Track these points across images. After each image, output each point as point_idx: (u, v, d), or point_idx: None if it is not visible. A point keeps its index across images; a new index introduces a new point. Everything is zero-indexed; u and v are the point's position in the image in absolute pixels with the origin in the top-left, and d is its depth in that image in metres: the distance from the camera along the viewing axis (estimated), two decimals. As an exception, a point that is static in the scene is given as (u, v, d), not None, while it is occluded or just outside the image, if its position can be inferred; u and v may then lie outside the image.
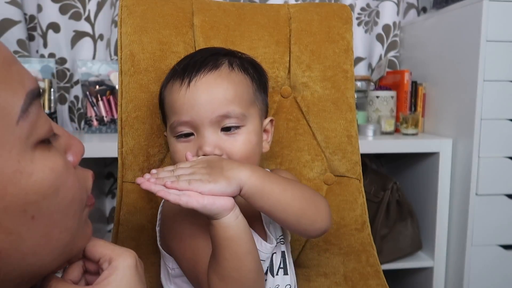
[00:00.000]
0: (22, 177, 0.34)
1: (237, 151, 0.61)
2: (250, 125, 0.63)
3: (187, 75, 0.62)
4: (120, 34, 0.76)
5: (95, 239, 0.46)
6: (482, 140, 1.28)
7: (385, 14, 1.70)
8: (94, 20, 1.54)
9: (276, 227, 0.68)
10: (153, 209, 0.75)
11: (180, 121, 0.61)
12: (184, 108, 0.61)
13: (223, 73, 0.63)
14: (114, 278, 0.42)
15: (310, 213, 0.60)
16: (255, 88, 0.66)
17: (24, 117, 0.34)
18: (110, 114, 1.44)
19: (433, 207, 1.41)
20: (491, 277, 1.34)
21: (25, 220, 0.35)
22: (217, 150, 0.60)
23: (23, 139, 0.34)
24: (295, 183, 0.62)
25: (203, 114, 0.60)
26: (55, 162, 0.37)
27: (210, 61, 0.63)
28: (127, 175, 0.75)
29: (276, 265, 0.66)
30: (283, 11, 0.85)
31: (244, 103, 0.63)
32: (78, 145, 0.42)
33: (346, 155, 0.83)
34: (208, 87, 0.61)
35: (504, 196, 1.31)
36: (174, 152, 0.64)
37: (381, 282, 0.83)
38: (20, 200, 0.34)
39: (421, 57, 1.60)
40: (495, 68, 1.25)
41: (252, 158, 0.63)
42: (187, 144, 0.62)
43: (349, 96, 0.83)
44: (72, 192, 0.39)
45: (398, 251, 1.44)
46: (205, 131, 0.60)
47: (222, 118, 0.60)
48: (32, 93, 0.35)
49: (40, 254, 0.37)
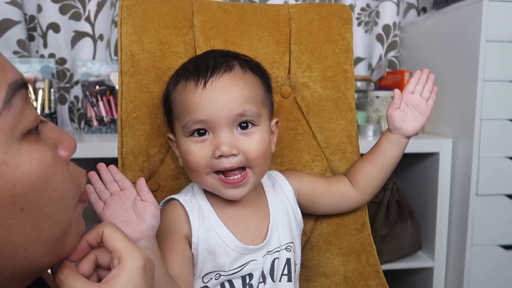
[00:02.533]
0: (8, 169, 0.34)
1: (253, 149, 0.62)
2: (263, 125, 0.65)
3: (202, 75, 0.62)
4: (120, 34, 0.76)
5: (114, 229, 0.46)
6: (482, 140, 1.27)
7: (385, 14, 1.70)
8: (94, 20, 1.54)
9: (286, 235, 0.69)
10: (153, 209, 0.75)
11: (196, 119, 0.61)
12: (200, 107, 0.61)
13: (238, 74, 0.64)
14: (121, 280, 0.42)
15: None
16: (264, 89, 0.68)
17: (7, 108, 0.34)
18: (110, 114, 1.44)
19: (433, 207, 1.41)
20: (491, 277, 1.34)
21: (14, 212, 0.35)
22: (234, 150, 0.61)
23: (8, 130, 0.34)
24: None
25: (221, 113, 0.61)
26: (43, 154, 0.37)
27: (222, 62, 0.64)
28: (127, 175, 0.75)
29: (278, 271, 0.67)
30: (283, 11, 0.85)
31: (258, 103, 0.65)
32: (69, 140, 0.42)
33: (346, 155, 0.82)
34: (225, 87, 0.62)
35: (504, 196, 1.31)
36: (187, 153, 0.64)
37: (381, 282, 0.83)
38: (7, 192, 0.34)
39: (421, 57, 1.60)
40: (495, 68, 1.25)
41: (267, 157, 0.65)
42: (202, 145, 0.62)
43: (349, 96, 0.83)
44: (63, 186, 0.39)
45: (398, 251, 1.44)
46: (222, 131, 0.61)
47: (239, 117, 0.62)
48: (15, 84, 0.35)
49: (31, 248, 0.37)
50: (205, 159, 0.62)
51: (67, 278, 0.42)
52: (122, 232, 0.46)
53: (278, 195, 0.72)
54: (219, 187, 0.63)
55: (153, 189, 0.76)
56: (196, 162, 0.62)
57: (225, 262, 0.64)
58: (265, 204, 0.70)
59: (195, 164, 0.63)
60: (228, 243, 0.64)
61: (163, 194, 0.76)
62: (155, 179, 0.77)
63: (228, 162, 0.61)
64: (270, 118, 0.69)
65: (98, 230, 0.46)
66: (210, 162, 0.62)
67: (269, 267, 0.66)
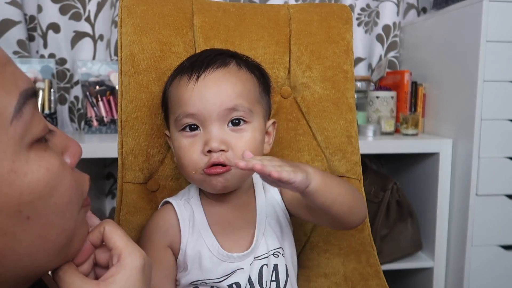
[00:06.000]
0: (16, 177, 0.33)
1: (242, 147, 0.61)
2: (255, 123, 0.64)
3: (195, 70, 0.62)
4: (120, 35, 0.76)
5: (114, 227, 0.46)
6: (482, 140, 1.27)
7: (385, 15, 1.70)
8: (94, 21, 1.54)
9: (273, 240, 0.67)
10: (153, 209, 0.75)
11: (186, 113, 0.61)
12: (191, 100, 0.61)
13: (232, 70, 0.64)
14: (120, 278, 0.42)
15: (358, 203, 0.64)
16: (260, 88, 0.67)
17: (18, 117, 0.34)
18: (110, 114, 1.44)
19: (433, 208, 1.41)
20: (491, 277, 1.34)
21: (20, 220, 0.34)
22: (223, 146, 0.60)
23: (17, 139, 0.34)
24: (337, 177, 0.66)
25: (211, 107, 0.60)
26: (50, 162, 0.37)
27: (218, 59, 0.64)
28: (127, 175, 0.75)
29: (267, 277, 0.65)
30: (283, 12, 0.85)
31: (251, 100, 0.64)
32: (75, 147, 0.42)
33: (346, 156, 0.82)
34: (217, 81, 0.62)
35: (504, 196, 1.31)
36: (178, 148, 0.63)
37: (381, 283, 0.83)
38: (14, 200, 0.34)
39: (421, 58, 1.60)
40: (495, 68, 1.25)
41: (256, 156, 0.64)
42: (193, 140, 0.62)
43: (349, 96, 0.83)
44: (69, 193, 0.39)
45: (398, 251, 1.44)
46: (212, 126, 0.61)
47: (230, 112, 0.61)
48: (25, 93, 0.35)
49: (36, 255, 0.37)
50: (196, 154, 0.61)
51: (66, 274, 0.42)
52: (122, 230, 0.46)
53: (268, 198, 0.70)
54: (205, 179, 0.61)
55: (153, 189, 0.76)
56: (188, 158, 0.62)
57: (210, 270, 0.63)
58: (254, 208, 0.68)
59: (186, 159, 0.62)
60: (213, 250, 0.63)
61: (163, 194, 0.76)
62: (155, 179, 0.77)
63: (217, 157, 0.60)
64: (265, 118, 0.68)
65: (99, 228, 0.46)
66: (201, 158, 0.60)
67: (256, 274, 0.64)
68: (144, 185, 0.76)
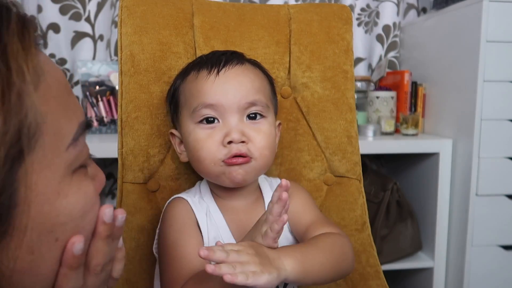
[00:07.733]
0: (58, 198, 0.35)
1: (260, 139, 0.62)
2: (270, 118, 0.66)
3: (215, 65, 0.64)
4: (120, 35, 0.76)
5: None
6: (482, 140, 1.27)
7: (385, 15, 1.70)
8: (94, 21, 1.55)
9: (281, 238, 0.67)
10: (153, 209, 0.76)
11: (206, 103, 0.62)
12: (212, 91, 0.62)
13: (249, 67, 0.67)
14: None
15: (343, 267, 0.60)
16: (270, 88, 0.70)
17: (74, 145, 0.36)
18: (110, 114, 1.44)
19: (433, 208, 1.41)
20: (491, 277, 1.34)
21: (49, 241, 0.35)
22: (243, 137, 0.61)
23: (68, 164, 0.36)
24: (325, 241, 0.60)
25: (232, 99, 0.62)
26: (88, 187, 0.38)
27: (234, 57, 0.66)
28: (127, 175, 0.75)
29: None
30: (283, 12, 0.85)
31: (267, 96, 0.67)
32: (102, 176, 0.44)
33: (346, 156, 0.82)
34: (237, 76, 0.64)
35: (504, 196, 1.31)
36: (195, 140, 0.63)
37: (381, 283, 0.83)
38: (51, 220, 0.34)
39: (421, 58, 1.60)
40: (495, 68, 1.25)
41: (272, 150, 0.65)
42: (211, 132, 0.62)
43: (349, 96, 0.83)
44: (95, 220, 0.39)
45: (398, 251, 1.44)
46: (232, 118, 0.62)
47: (249, 105, 0.63)
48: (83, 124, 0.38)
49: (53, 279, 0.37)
50: (215, 145, 0.61)
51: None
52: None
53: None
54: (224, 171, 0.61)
55: (153, 189, 0.76)
56: (207, 149, 0.62)
57: None
58: (263, 206, 0.69)
59: (204, 151, 0.62)
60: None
61: (163, 194, 0.76)
62: (155, 179, 0.77)
63: (237, 148, 0.61)
64: (275, 117, 0.70)
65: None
66: (219, 150, 0.61)
67: None
68: (144, 185, 0.76)
